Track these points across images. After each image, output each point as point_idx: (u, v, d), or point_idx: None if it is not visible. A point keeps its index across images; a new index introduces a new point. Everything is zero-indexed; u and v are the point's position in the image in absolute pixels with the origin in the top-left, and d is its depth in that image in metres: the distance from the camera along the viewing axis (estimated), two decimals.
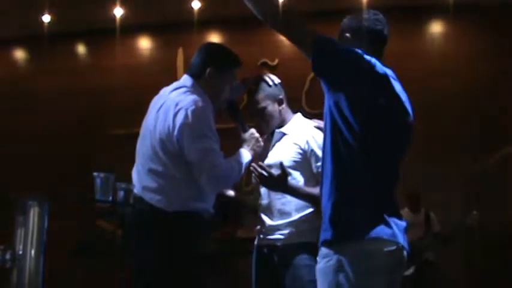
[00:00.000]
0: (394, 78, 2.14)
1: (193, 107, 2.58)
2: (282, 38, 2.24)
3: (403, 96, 2.14)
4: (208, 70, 2.72)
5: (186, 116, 2.56)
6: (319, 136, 2.85)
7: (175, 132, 2.57)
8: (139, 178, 2.72)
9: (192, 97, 2.64)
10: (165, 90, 2.79)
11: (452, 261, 5.99)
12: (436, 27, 6.79)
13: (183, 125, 2.56)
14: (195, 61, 2.78)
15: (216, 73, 2.73)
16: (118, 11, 6.68)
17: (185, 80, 2.77)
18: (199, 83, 2.72)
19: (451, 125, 6.22)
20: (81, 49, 7.55)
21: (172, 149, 2.60)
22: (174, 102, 2.63)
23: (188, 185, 2.64)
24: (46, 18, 6.76)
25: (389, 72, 2.13)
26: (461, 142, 6.15)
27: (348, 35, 2.21)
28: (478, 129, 6.16)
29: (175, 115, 2.59)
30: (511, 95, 6.11)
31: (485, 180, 5.86)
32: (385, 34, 2.23)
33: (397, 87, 2.13)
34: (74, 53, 7.49)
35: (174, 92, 2.71)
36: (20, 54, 7.72)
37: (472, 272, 6.13)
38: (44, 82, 7.17)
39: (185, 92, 2.68)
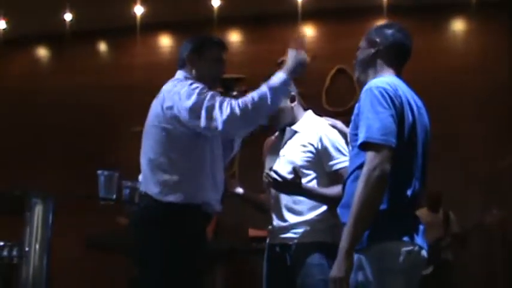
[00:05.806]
0: (410, 101, 2.18)
1: (186, 87, 2.64)
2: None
3: (422, 111, 2.23)
4: (187, 58, 2.82)
5: (178, 93, 2.63)
6: (333, 134, 2.81)
7: (170, 106, 2.64)
8: (145, 176, 2.75)
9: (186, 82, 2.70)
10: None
11: (471, 261, 5.94)
12: (458, 25, 6.72)
13: (175, 95, 2.63)
14: (179, 55, 2.90)
15: (192, 56, 2.84)
16: (138, 9, 6.72)
17: (178, 74, 2.85)
18: (188, 73, 2.80)
19: (472, 123, 6.15)
20: (102, 47, 7.60)
21: (174, 134, 2.63)
22: (167, 91, 2.70)
23: (195, 177, 2.65)
24: (68, 16, 6.83)
25: (407, 94, 2.18)
26: (482, 140, 6.09)
27: (381, 48, 2.30)
28: (500, 127, 6.10)
29: (167, 98, 2.65)
30: None
31: (505, 179, 5.80)
32: (411, 51, 2.36)
33: (414, 104, 2.19)
34: (94, 51, 7.54)
35: (169, 85, 2.78)
36: (41, 52, 7.79)
37: (491, 272, 6.07)
38: (65, 80, 7.22)
39: (178, 82, 2.75)
